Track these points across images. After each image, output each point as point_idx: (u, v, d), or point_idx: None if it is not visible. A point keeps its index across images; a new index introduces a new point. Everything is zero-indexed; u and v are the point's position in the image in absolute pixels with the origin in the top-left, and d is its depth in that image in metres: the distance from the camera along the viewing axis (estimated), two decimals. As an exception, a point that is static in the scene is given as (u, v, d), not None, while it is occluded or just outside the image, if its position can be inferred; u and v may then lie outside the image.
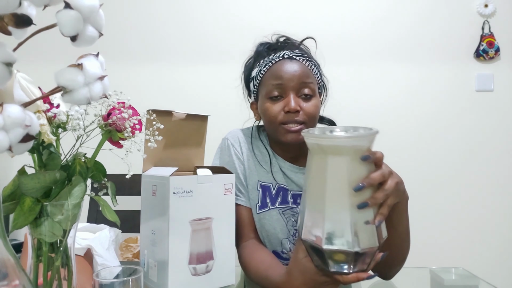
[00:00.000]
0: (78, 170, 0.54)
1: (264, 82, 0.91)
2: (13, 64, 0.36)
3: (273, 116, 0.88)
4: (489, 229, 1.92)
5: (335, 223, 0.57)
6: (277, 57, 0.90)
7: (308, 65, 0.90)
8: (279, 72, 0.88)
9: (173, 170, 0.70)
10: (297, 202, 0.95)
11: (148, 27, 1.98)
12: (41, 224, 0.50)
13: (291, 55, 0.90)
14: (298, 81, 0.87)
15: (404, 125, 1.96)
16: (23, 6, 0.35)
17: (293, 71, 0.87)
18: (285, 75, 0.87)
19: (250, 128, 1.03)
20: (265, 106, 0.90)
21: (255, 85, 0.95)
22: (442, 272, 0.89)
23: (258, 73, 0.93)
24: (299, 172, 0.96)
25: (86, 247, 0.72)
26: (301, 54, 0.91)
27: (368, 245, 0.58)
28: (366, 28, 1.97)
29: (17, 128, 0.36)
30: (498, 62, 1.96)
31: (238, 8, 1.97)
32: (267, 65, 0.91)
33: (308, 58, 0.92)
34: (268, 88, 0.89)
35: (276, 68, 0.89)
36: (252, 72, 0.97)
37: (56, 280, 0.52)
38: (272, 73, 0.89)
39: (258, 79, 0.93)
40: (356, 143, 0.57)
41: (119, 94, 0.56)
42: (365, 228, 0.58)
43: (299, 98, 0.88)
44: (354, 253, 0.57)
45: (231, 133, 1.02)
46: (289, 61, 0.89)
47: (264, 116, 0.92)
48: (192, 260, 0.71)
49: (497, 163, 1.94)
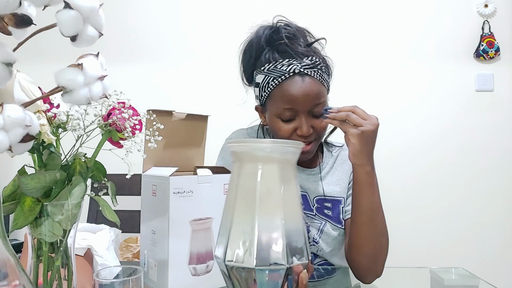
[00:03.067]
0: (78, 170, 0.54)
1: (273, 99, 0.87)
2: (13, 64, 0.36)
3: (285, 137, 0.87)
4: (489, 229, 1.92)
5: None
6: (286, 72, 0.84)
7: (319, 77, 0.85)
8: (291, 94, 0.84)
9: (173, 170, 0.70)
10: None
11: (148, 27, 1.98)
12: (41, 224, 0.50)
13: (302, 68, 0.84)
14: (311, 103, 0.84)
15: (404, 125, 1.96)
16: (23, 6, 0.35)
17: (305, 94, 0.83)
18: (297, 98, 0.83)
19: (255, 128, 1.03)
20: (277, 126, 0.87)
21: (262, 96, 0.90)
22: (442, 272, 0.89)
23: (265, 84, 0.88)
24: (303, 173, 0.97)
25: (86, 247, 0.72)
26: (312, 65, 0.85)
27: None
28: (366, 28, 1.97)
29: (17, 128, 0.36)
30: (498, 62, 1.95)
31: (238, 7, 1.97)
32: (276, 80, 0.85)
33: (318, 67, 0.86)
34: (279, 110, 0.86)
35: (287, 89, 0.84)
36: (256, 76, 0.91)
37: (56, 280, 0.52)
38: (282, 94, 0.85)
39: (266, 91, 0.88)
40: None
41: (119, 94, 0.56)
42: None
43: (310, 117, 0.86)
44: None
45: (235, 133, 1.03)
46: (301, 80, 0.84)
47: (275, 134, 0.90)
48: (192, 260, 0.71)
49: (497, 163, 1.94)
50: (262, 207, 0.51)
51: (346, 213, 0.96)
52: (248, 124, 1.05)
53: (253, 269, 0.48)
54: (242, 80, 1.00)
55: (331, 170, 1.00)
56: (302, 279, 0.50)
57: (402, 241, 1.69)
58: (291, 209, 0.53)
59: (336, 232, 0.94)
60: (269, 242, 0.50)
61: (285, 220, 0.51)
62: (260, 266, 0.48)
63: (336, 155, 1.02)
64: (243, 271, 0.50)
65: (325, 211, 0.96)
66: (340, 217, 0.96)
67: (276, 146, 0.53)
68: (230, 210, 0.53)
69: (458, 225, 1.92)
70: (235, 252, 0.50)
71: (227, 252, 0.51)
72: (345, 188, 0.98)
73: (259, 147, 0.53)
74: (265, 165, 0.52)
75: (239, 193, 0.53)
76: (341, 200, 0.97)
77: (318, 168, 0.99)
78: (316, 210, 0.96)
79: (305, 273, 0.51)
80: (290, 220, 0.52)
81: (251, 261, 0.48)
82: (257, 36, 0.92)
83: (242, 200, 0.53)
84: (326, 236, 0.94)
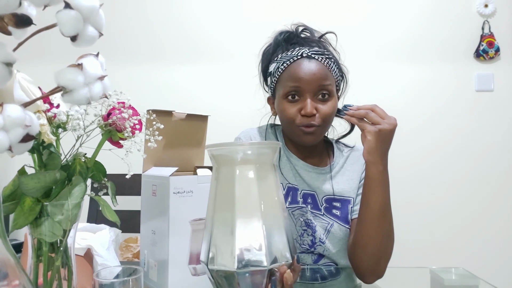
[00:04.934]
0: (78, 170, 0.54)
1: (282, 81, 0.90)
2: (13, 64, 0.36)
3: (290, 117, 0.88)
4: (489, 229, 1.92)
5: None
6: (295, 56, 0.89)
7: (327, 64, 0.89)
8: (297, 73, 0.87)
9: (173, 170, 0.70)
10: (307, 202, 0.95)
11: (148, 27, 1.98)
12: (41, 224, 0.50)
13: (310, 53, 0.88)
14: (316, 83, 0.86)
15: (404, 125, 1.95)
16: (23, 6, 0.35)
17: (311, 73, 0.86)
18: (303, 77, 0.86)
19: (264, 128, 1.03)
20: (282, 106, 0.90)
21: (273, 82, 0.94)
22: (442, 272, 0.89)
23: (276, 70, 0.92)
24: (313, 171, 0.97)
25: (86, 247, 0.72)
26: (321, 52, 0.89)
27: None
28: (365, 28, 1.97)
29: (17, 128, 0.36)
30: (498, 62, 1.96)
31: (238, 7, 1.97)
32: (285, 63, 0.89)
33: (327, 55, 0.90)
34: (285, 89, 0.88)
35: (294, 69, 0.88)
36: (270, 66, 0.95)
37: (56, 280, 0.52)
38: (290, 74, 0.88)
39: (276, 76, 0.92)
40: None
41: (119, 94, 0.56)
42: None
43: (316, 100, 0.87)
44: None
45: (244, 132, 1.03)
46: (308, 61, 0.88)
47: (281, 116, 0.92)
48: (192, 260, 0.71)
49: (497, 163, 1.94)
50: (241, 209, 0.51)
51: (353, 212, 0.96)
52: (242, 124, 1.05)
53: (235, 272, 0.48)
54: (262, 85, 1.03)
55: (341, 169, 1.00)
56: (286, 279, 0.50)
57: (402, 241, 1.68)
58: (270, 210, 0.52)
59: (343, 232, 0.94)
60: (249, 244, 0.49)
61: (264, 221, 0.51)
62: (241, 269, 0.48)
63: (347, 155, 1.02)
64: (226, 275, 0.49)
65: (333, 211, 0.95)
66: (348, 217, 0.95)
67: (252, 147, 0.53)
68: (210, 214, 0.53)
69: (458, 225, 1.92)
70: (217, 256, 0.50)
71: (209, 256, 0.51)
72: (355, 188, 0.98)
73: (235, 150, 0.53)
74: (242, 167, 0.52)
75: (218, 197, 0.53)
76: (350, 200, 0.96)
77: (329, 167, 0.99)
78: (324, 210, 0.95)
79: (289, 273, 0.50)
80: (270, 220, 0.51)
81: (232, 264, 0.48)
82: (276, 38, 0.97)
83: (221, 203, 0.53)
84: (333, 236, 0.94)
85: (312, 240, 0.94)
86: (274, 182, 0.54)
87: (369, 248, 0.80)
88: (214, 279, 0.52)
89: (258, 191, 0.52)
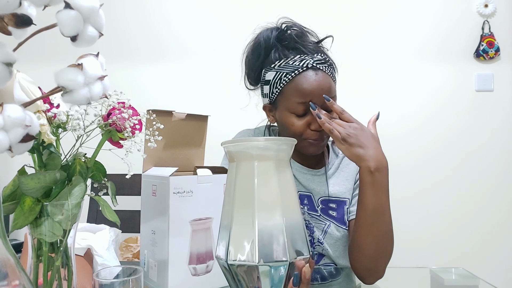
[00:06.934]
0: (78, 170, 0.54)
1: (286, 94, 0.87)
2: (13, 64, 0.36)
3: (298, 132, 0.87)
4: (489, 229, 1.92)
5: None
6: (300, 67, 0.85)
7: (330, 73, 0.87)
8: (305, 89, 0.84)
9: (173, 170, 0.70)
10: (304, 203, 0.95)
11: (148, 27, 1.98)
12: (41, 224, 0.50)
13: (315, 63, 0.85)
14: (323, 96, 0.85)
15: (404, 125, 1.96)
16: (23, 6, 0.35)
17: (319, 88, 0.84)
18: (312, 92, 0.84)
19: (262, 129, 1.03)
20: (289, 120, 0.87)
21: (273, 93, 0.90)
22: (442, 272, 0.89)
23: (277, 80, 0.88)
24: (308, 173, 0.97)
25: (86, 247, 0.72)
26: (323, 61, 0.87)
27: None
28: (365, 28, 1.97)
29: (17, 128, 0.36)
30: (498, 62, 1.96)
31: (239, 7, 1.97)
32: (289, 75, 0.86)
33: (329, 63, 0.88)
34: (292, 105, 0.86)
35: (301, 83, 0.85)
36: (266, 73, 0.91)
37: (56, 280, 0.51)
38: (296, 88, 0.85)
39: (278, 88, 0.88)
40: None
41: (119, 94, 0.56)
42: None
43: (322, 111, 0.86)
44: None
45: (241, 133, 1.02)
46: (314, 74, 0.85)
47: (286, 129, 0.89)
48: (192, 260, 0.71)
49: (497, 163, 1.94)
50: (261, 204, 0.51)
51: (350, 213, 0.96)
52: (248, 124, 1.04)
53: (257, 266, 0.49)
54: (245, 82, 1.00)
55: (336, 171, 1.00)
56: (304, 273, 0.50)
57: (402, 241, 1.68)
58: (290, 205, 0.54)
59: (339, 233, 0.94)
60: (270, 238, 0.50)
61: (284, 215, 0.52)
62: (263, 263, 0.49)
63: (341, 156, 1.02)
64: (247, 269, 0.50)
65: (329, 212, 0.95)
66: (344, 218, 0.96)
67: (270, 143, 0.54)
68: (230, 209, 0.54)
69: (458, 225, 1.92)
70: (238, 251, 0.51)
71: (229, 251, 0.51)
72: (350, 189, 0.98)
73: (254, 146, 0.54)
74: (261, 162, 0.53)
75: (237, 192, 0.54)
76: (346, 201, 0.96)
77: (324, 169, 0.99)
78: (320, 211, 0.95)
79: (307, 267, 0.51)
80: (289, 215, 0.53)
81: (254, 258, 0.49)
82: (264, 36, 0.93)
83: (240, 198, 0.53)
84: (330, 237, 0.94)
85: (311, 241, 0.94)
86: (291, 178, 0.56)
87: (365, 249, 0.80)
88: (233, 274, 0.52)
89: (278, 185, 0.53)
